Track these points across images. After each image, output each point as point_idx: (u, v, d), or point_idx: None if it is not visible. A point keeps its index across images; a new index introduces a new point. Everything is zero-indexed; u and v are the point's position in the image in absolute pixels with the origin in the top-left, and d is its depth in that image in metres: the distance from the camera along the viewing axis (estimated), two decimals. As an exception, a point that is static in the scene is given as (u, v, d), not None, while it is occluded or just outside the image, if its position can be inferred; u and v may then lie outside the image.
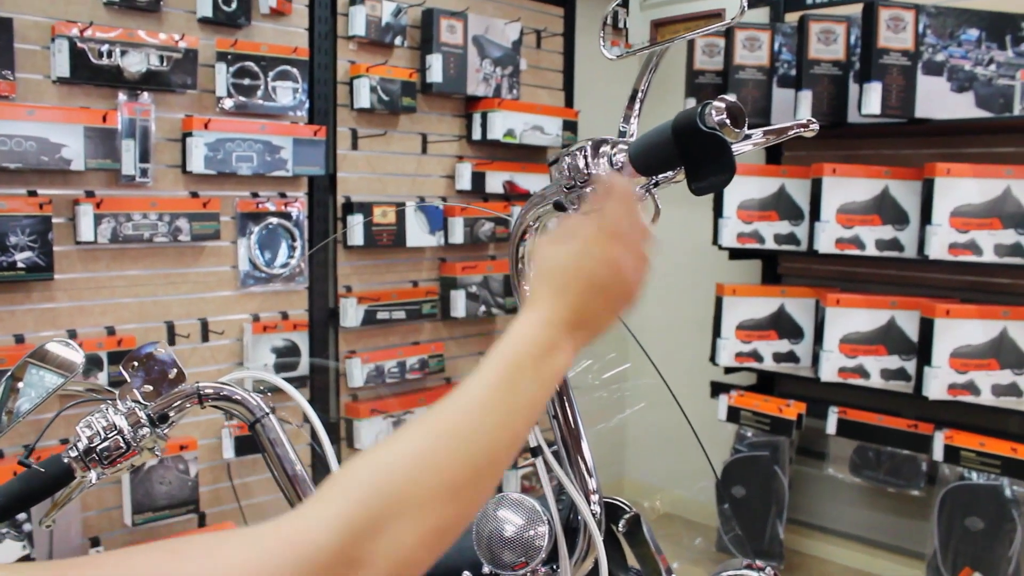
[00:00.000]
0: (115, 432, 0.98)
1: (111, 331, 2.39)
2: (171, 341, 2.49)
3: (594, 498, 0.96)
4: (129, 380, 1.04)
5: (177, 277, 2.51)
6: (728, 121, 0.74)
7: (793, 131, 0.82)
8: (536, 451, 0.97)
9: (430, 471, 0.67)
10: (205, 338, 2.56)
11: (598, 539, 0.95)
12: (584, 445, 0.96)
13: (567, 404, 0.98)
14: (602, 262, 0.78)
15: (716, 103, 0.75)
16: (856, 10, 2.84)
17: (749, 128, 0.80)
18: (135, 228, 2.38)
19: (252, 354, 2.60)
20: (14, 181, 2.22)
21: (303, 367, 2.71)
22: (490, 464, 0.70)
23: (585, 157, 0.84)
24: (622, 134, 0.90)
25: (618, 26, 0.92)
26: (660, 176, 0.82)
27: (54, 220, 2.26)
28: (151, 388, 1.04)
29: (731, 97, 0.75)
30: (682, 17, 0.92)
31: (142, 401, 1.02)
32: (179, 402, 1.03)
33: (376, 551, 0.64)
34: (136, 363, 1.06)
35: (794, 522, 3.31)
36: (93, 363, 2.31)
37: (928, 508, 2.81)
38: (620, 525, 1.01)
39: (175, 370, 1.05)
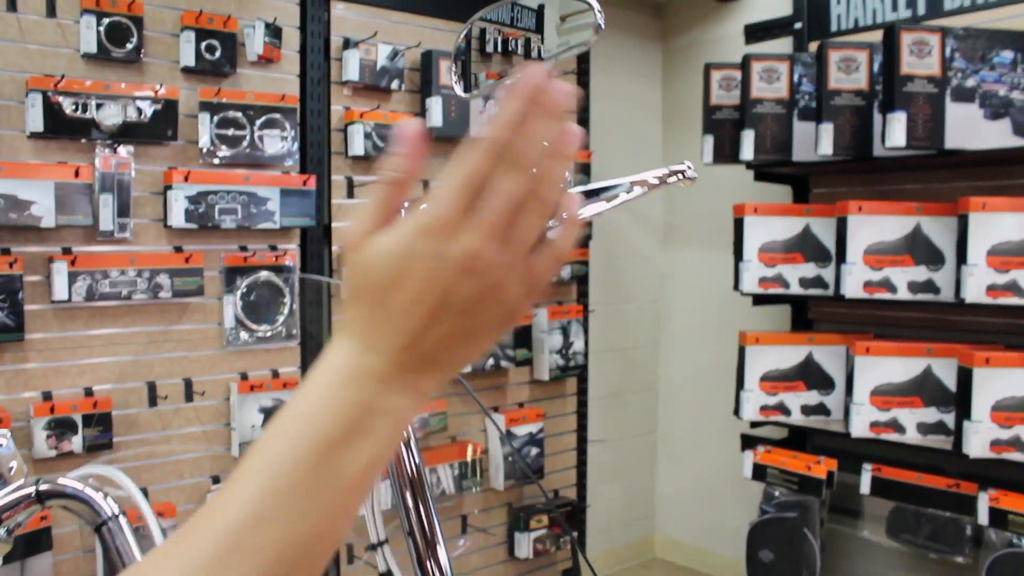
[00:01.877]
0: (-71, 539, 0.86)
1: (88, 392, 2.30)
2: (152, 402, 2.39)
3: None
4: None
5: (159, 335, 2.42)
6: None
7: (671, 179, 0.65)
8: (375, 547, 0.80)
9: None
10: (189, 398, 2.45)
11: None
12: (440, 544, 0.78)
13: (418, 494, 0.80)
14: (468, 263, 0.48)
15: None
16: (880, 36, 2.64)
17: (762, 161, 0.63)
18: (112, 285, 2.29)
19: (238, 415, 2.49)
20: (-16, 240, 2.15)
21: (294, 427, 2.58)
22: None
23: None
24: None
25: (485, 51, 0.77)
26: None
27: (26, 279, 2.18)
28: (-16, 486, 0.91)
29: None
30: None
31: (-29, 502, 0.89)
32: (12, 502, 0.90)
33: None
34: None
35: (830, 587, 3.07)
36: (66, 426, 2.22)
37: (975, 577, 2.55)
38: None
39: (13, 464, 0.93)
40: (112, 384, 2.34)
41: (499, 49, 2.91)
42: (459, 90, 0.73)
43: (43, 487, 0.90)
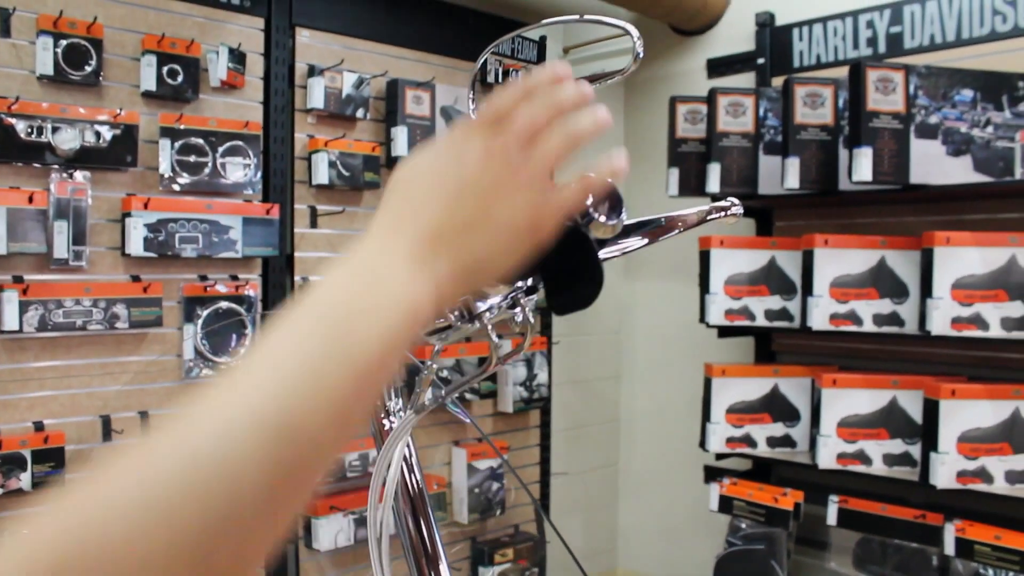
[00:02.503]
0: None
1: (39, 427, 2.20)
2: (107, 436, 2.30)
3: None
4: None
5: (115, 367, 2.33)
6: (596, 211, 0.54)
7: (713, 216, 0.63)
8: None
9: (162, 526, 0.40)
10: (146, 433, 2.36)
11: None
12: (442, 560, 0.73)
13: (420, 511, 0.75)
14: (488, 154, 0.53)
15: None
16: (843, 73, 2.68)
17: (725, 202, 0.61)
18: (66, 315, 2.20)
19: (197, 449, 2.40)
20: (-69, 268, 2.06)
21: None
22: (287, 480, 0.45)
23: None
24: None
25: (486, 80, 0.74)
26: (520, 288, 0.62)
27: (-26, 309, 2.09)
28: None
29: (599, 177, 0.56)
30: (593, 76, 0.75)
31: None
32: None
33: None
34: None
35: (797, 621, 3.05)
36: (14, 463, 2.11)
37: (942, 609, 2.55)
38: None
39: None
40: (65, 418, 2.24)
41: (500, 80, 2.87)
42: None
43: None
